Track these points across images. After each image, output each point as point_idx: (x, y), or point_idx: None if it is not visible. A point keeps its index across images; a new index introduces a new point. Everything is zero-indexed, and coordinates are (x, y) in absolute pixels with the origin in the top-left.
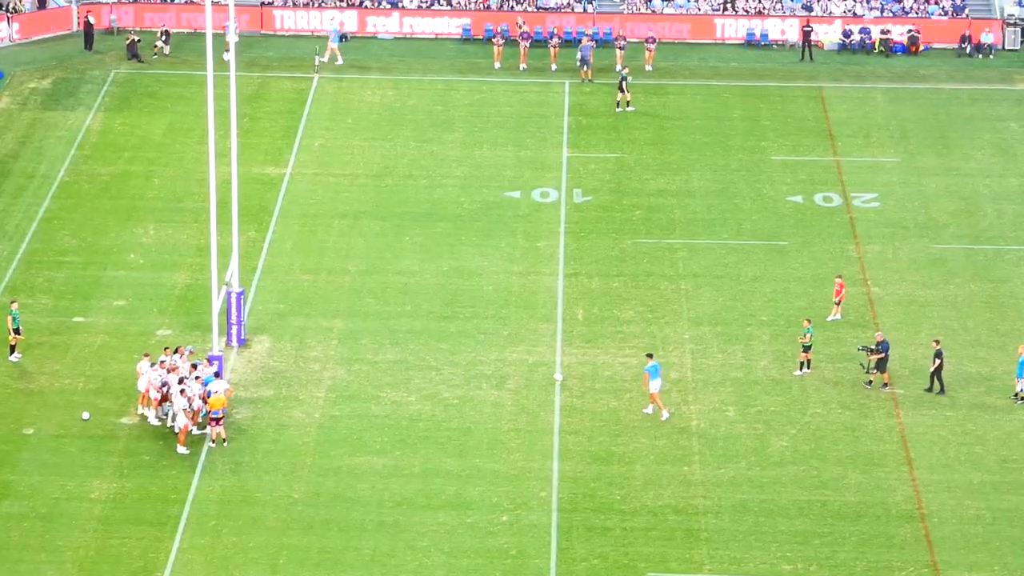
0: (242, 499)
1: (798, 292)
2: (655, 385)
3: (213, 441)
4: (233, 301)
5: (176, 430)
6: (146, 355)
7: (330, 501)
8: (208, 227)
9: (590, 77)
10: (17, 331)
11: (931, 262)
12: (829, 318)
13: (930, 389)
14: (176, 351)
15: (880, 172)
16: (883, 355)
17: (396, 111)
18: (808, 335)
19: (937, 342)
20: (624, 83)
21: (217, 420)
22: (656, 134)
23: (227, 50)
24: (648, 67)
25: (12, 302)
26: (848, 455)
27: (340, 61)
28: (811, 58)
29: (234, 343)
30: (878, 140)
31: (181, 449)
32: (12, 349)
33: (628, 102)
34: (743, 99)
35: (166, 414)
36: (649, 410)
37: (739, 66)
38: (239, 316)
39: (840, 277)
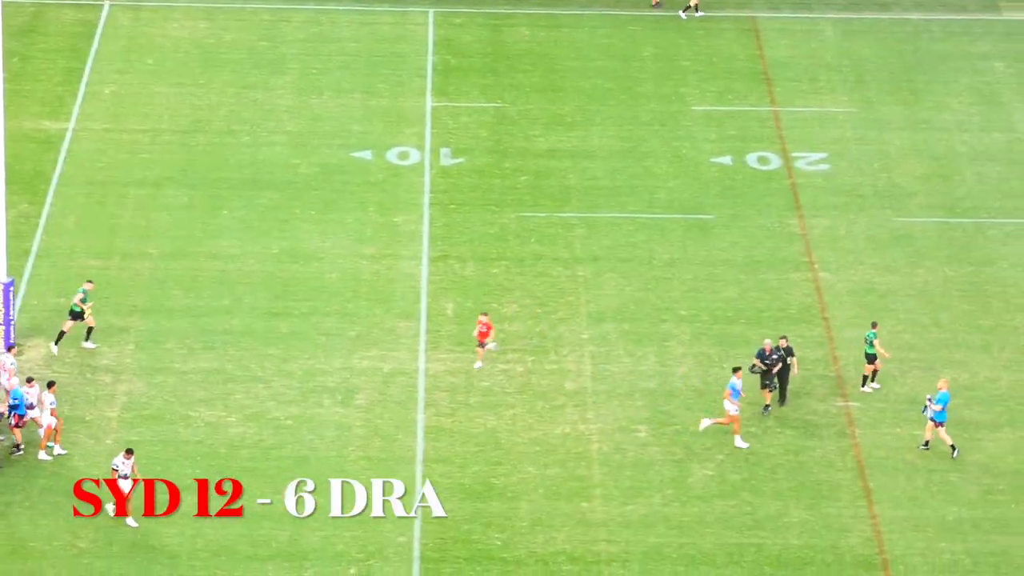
0: (12, 549)
1: (727, 279)
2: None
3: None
4: None
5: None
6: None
7: (128, 551)
8: None
9: None
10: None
11: (895, 240)
12: (476, 365)
13: (783, 402)
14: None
15: (830, 126)
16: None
17: (210, 48)
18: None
19: (784, 338)
20: None
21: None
22: (546, 78)
23: None
24: None
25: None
26: (790, 486)
27: None
28: None
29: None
30: (827, 85)
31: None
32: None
33: (696, 6)
34: (656, 33)
35: None
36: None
37: None
38: (7, 314)
39: (486, 315)
